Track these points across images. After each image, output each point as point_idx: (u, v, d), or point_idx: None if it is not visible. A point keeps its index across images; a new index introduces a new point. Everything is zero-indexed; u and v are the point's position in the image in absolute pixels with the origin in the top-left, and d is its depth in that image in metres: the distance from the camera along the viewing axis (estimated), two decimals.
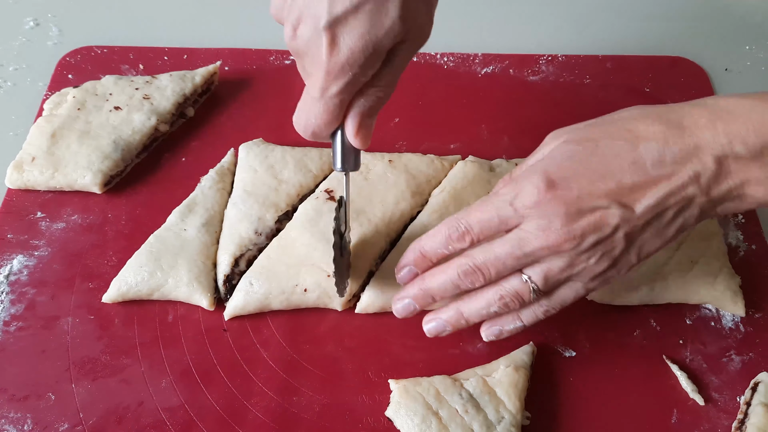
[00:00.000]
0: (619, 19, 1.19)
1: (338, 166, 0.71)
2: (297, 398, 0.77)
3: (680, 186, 0.62)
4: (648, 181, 0.62)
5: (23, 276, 0.85)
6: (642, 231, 0.64)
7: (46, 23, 1.14)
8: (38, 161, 0.90)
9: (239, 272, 0.84)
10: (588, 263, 0.65)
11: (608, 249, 0.64)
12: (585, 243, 0.63)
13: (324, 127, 0.67)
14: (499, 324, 0.72)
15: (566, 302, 0.69)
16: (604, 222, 0.62)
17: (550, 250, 0.64)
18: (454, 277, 0.68)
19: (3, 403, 0.76)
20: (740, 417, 0.77)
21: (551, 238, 0.63)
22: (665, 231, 0.65)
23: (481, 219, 0.66)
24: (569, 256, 0.64)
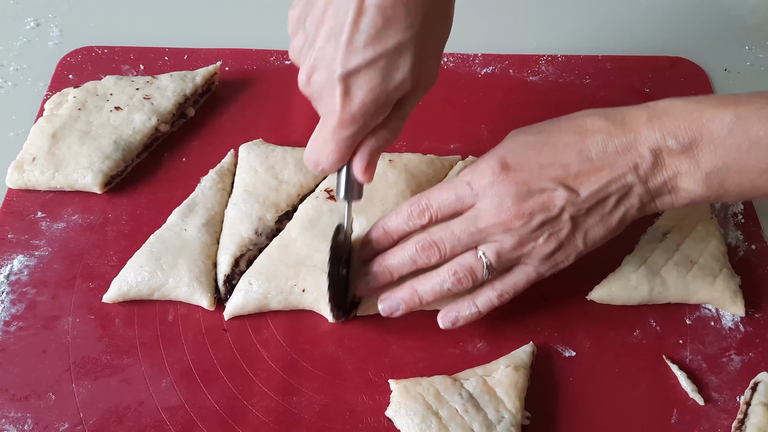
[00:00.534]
0: (619, 19, 1.19)
1: (342, 196, 0.74)
2: (297, 398, 0.77)
3: (621, 174, 0.69)
4: (592, 168, 0.69)
5: (24, 276, 0.85)
6: (587, 215, 0.71)
7: (47, 23, 1.15)
8: (39, 161, 0.90)
9: (239, 272, 0.84)
10: (537, 243, 0.71)
11: (555, 230, 0.71)
12: (534, 221, 0.70)
13: (333, 165, 0.70)
14: (455, 310, 0.76)
15: (518, 286, 0.74)
16: (551, 202, 0.69)
17: (502, 227, 0.70)
18: (411, 252, 0.74)
19: (3, 402, 0.76)
20: (740, 417, 0.77)
21: (503, 216, 0.69)
22: (608, 219, 0.71)
23: (440, 197, 0.72)
24: (519, 235, 0.70)
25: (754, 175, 0.67)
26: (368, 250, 0.78)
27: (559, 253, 0.72)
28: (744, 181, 0.67)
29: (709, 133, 0.66)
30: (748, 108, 0.66)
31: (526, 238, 0.71)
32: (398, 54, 0.63)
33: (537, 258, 0.72)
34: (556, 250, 0.72)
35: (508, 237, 0.70)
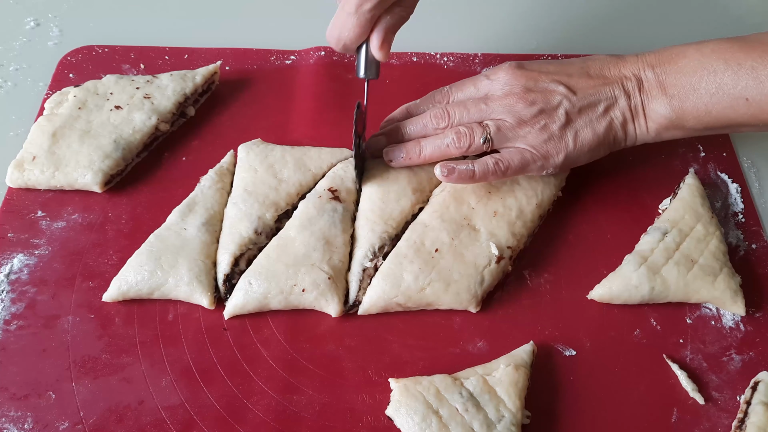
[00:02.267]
0: (619, 19, 1.20)
1: (361, 74, 0.85)
2: (297, 397, 0.77)
3: (610, 87, 0.85)
4: (589, 79, 0.86)
5: (24, 275, 0.85)
6: (579, 115, 0.84)
7: (47, 23, 1.15)
8: (39, 160, 0.90)
9: (239, 271, 0.84)
10: (533, 128, 0.83)
11: (550, 120, 0.83)
12: (534, 107, 0.83)
13: (354, 39, 0.80)
14: (453, 163, 0.84)
15: (512, 161, 0.84)
16: (551, 95, 0.84)
17: (507, 107, 0.83)
18: (426, 119, 0.87)
19: (3, 401, 0.76)
20: (740, 416, 0.77)
21: (509, 97, 0.84)
22: (597, 124, 0.85)
23: (461, 88, 0.89)
24: (519, 116, 0.83)
25: (706, 98, 0.81)
26: (384, 124, 0.92)
27: (551, 145, 0.84)
28: (699, 104, 0.81)
29: (676, 65, 0.83)
30: (710, 46, 0.82)
31: (524, 120, 0.83)
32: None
33: (531, 143, 0.84)
34: (548, 139, 0.83)
35: (510, 116, 0.83)
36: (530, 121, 0.83)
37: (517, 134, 0.84)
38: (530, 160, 0.84)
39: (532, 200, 0.89)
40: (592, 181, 0.96)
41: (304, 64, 1.08)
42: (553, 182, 0.91)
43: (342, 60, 1.09)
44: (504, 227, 0.86)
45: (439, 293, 0.81)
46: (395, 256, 0.83)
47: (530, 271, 0.88)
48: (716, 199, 0.95)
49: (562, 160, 0.85)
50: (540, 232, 0.91)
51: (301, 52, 1.10)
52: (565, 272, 0.88)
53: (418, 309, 0.84)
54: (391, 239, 0.86)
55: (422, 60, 1.09)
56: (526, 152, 0.84)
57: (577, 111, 0.83)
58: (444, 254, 0.83)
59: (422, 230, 0.85)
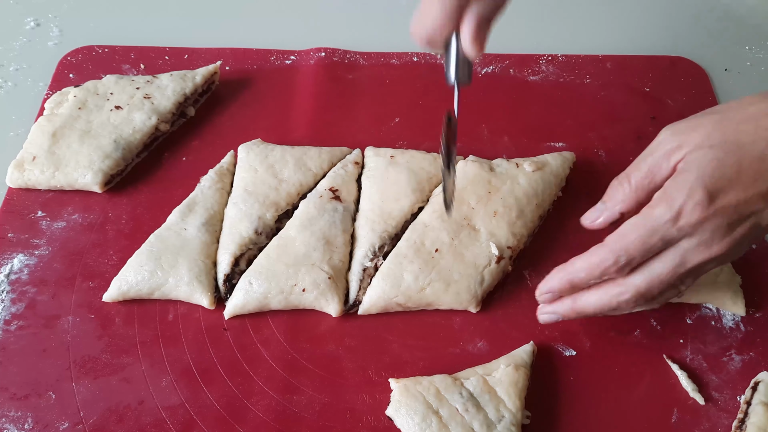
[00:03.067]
0: (619, 19, 1.20)
1: (451, 78, 0.70)
2: (297, 397, 0.77)
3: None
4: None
5: (24, 275, 0.85)
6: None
7: (47, 23, 1.15)
8: (39, 160, 0.90)
9: (239, 271, 0.84)
10: (736, 254, 0.68)
11: (754, 240, 0.68)
12: (743, 244, 0.67)
13: (440, 29, 0.66)
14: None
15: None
16: (758, 225, 0.66)
17: (714, 261, 0.67)
18: (612, 304, 0.70)
19: (3, 401, 0.76)
20: (740, 416, 0.77)
21: (714, 250, 0.66)
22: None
23: (644, 246, 0.66)
24: (724, 257, 0.67)
25: None
26: (549, 298, 0.76)
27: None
28: None
29: None
30: None
31: (728, 257, 0.68)
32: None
33: (723, 262, 0.70)
34: (744, 251, 0.70)
35: (712, 263, 0.68)
36: (734, 253, 0.68)
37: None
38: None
39: (532, 200, 0.89)
40: (592, 181, 0.96)
41: (304, 64, 1.08)
42: (553, 182, 0.91)
43: (342, 61, 1.09)
44: (504, 227, 0.86)
45: (439, 293, 0.81)
46: (395, 256, 0.83)
47: (530, 271, 0.88)
48: None
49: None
50: (540, 232, 0.91)
51: (301, 52, 1.10)
52: None
53: (418, 309, 0.84)
54: (391, 239, 0.86)
55: (422, 60, 1.09)
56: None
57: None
58: (444, 254, 0.83)
59: (422, 230, 0.85)
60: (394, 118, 1.02)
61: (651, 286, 0.68)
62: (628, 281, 0.69)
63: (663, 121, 0.70)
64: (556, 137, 1.01)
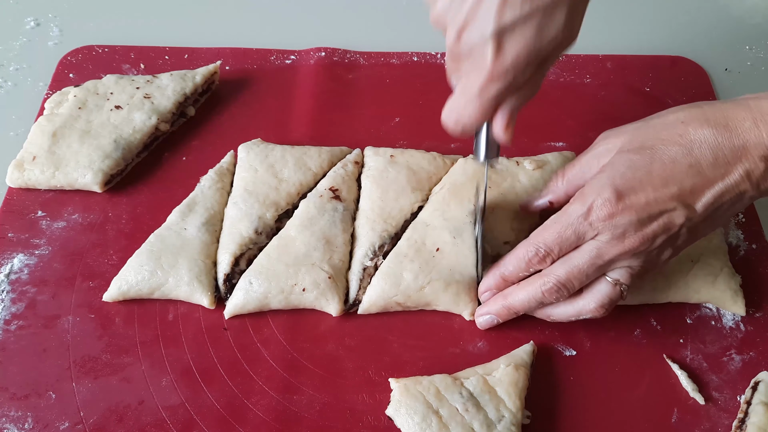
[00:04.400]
0: (619, 19, 1.20)
1: (482, 158, 0.76)
2: (297, 397, 0.77)
3: (734, 184, 0.69)
4: (706, 182, 0.69)
5: (24, 275, 0.85)
6: (702, 223, 0.71)
7: (47, 23, 1.15)
8: (39, 160, 0.90)
9: (240, 271, 0.84)
10: (660, 258, 0.73)
11: (673, 242, 0.72)
12: (656, 242, 0.70)
13: (475, 123, 0.71)
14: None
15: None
16: (671, 222, 0.69)
17: (628, 254, 0.71)
18: (537, 295, 0.75)
19: (4, 401, 0.76)
20: (740, 416, 0.77)
21: (627, 244, 0.70)
22: (719, 219, 0.72)
23: (559, 239, 0.72)
24: (644, 255, 0.72)
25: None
26: (488, 296, 0.80)
27: (673, 255, 0.74)
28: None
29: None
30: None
31: (650, 256, 0.72)
32: (554, 8, 0.63)
33: (657, 265, 0.75)
34: (672, 255, 0.74)
35: (635, 260, 0.72)
36: (654, 252, 0.72)
37: (646, 269, 0.74)
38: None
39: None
40: None
41: (304, 64, 1.08)
42: None
43: (342, 61, 1.09)
44: (503, 223, 0.86)
45: (438, 293, 0.81)
46: (395, 255, 0.83)
47: None
48: None
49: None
50: None
51: (301, 52, 1.10)
52: None
53: (417, 309, 0.84)
54: (391, 238, 0.86)
55: (422, 60, 1.09)
56: (650, 273, 0.77)
57: (700, 222, 0.71)
58: (445, 254, 0.83)
59: (423, 229, 0.85)
60: (394, 118, 1.02)
61: (570, 275, 0.72)
62: (550, 271, 0.74)
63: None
64: (556, 137, 1.01)
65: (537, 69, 0.68)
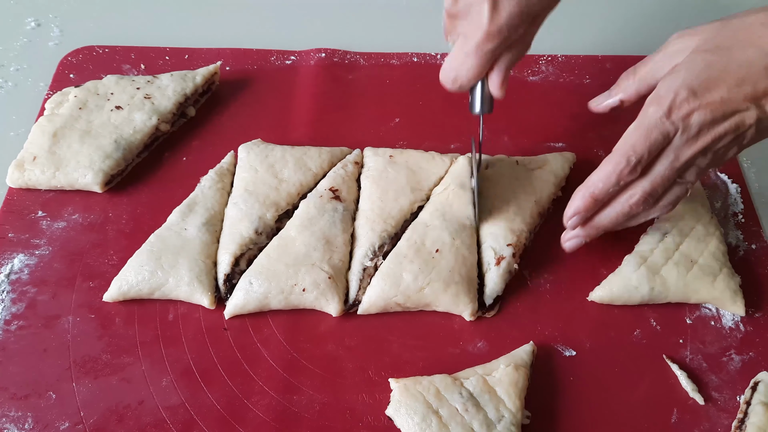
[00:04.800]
0: (618, 19, 1.20)
1: (477, 110, 0.79)
2: (297, 397, 0.77)
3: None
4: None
5: (24, 275, 0.85)
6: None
7: (48, 24, 1.15)
8: (39, 160, 0.90)
9: (240, 271, 0.84)
10: (725, 156, 0.74)
11: (740, 141, 0.73)
12: (725, 140, 0.71)
13: (472, 79, 0.75)
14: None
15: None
16: (742, 122, 0.71)
17: (700, 153, 0.72)
18: (625, 210, 0.75)
19: (4, 401, 0.76)
20: (740, 416, 0.77)
21: (700, 143, 0.71)
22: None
23: (647, 142, 0.71)
24: (712, 153, 0.72)
25: None
26: (576, 220, 0.78)
27: (736, 153, 0.75)
28: None
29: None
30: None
31: (717, 155, 0.73)
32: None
33: (719, 161, 0.75)
34: (735, 153, 0.75)
35: (704, 158, 0.73)
36: (722, 150, 0.73)
37: (712, 164, 0.75)
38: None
39: (530, 197, 0.89)
40: None
41: (304, 65, 1.08)
42: (552, 181, 0.91)
43: (342, 61, 1.09)
44: (502, 224, 0.86)
45: (438, 293, 0.81)
46: (395, 255, 0.84)
47: (530, 271, 0.88)
48: (716, 200, 0.95)
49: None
50: (540, 233, 0.91)
51: (301, 52, 1.10)
52: (565, 272, 0.88)
53: (417, 309, 0.84)
54: (391, 238, 0.86)
55: (422, 60, 1.09)
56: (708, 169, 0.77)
57: (766, 122, 0.72)
58: (445, 254, 0.83)
59: (423, 230, 0.85)
60: (394, 118, 1.02)
61: (654, 184, 0.73)
62: (635, 184, 0.73)
63: None
64: (556, 137, 1.01)
65: (528, 27, 0.72)
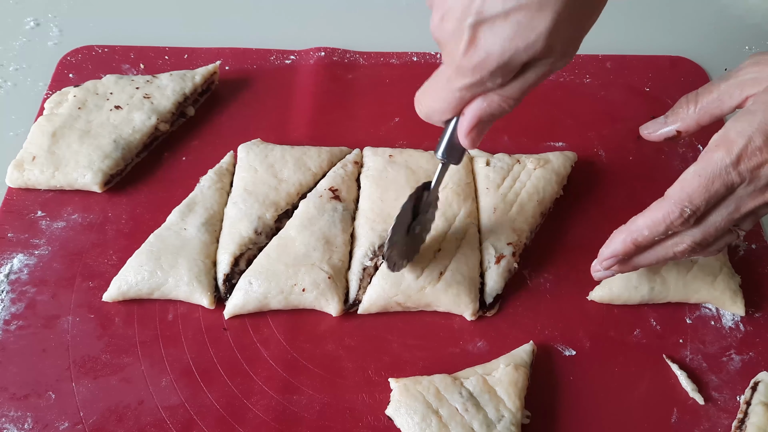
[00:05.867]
0: (619, 19, 1.19)
1: (439, 155, 0.71)
2: (297, 397, 0.77)
3: None
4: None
5: (23, 275, 0.85)
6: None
7: (47, 23, 1.15)
8: (39, 160, 0.90)
9: (239, 271, 0.84)
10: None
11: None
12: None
13: (437, 113, 0.68)
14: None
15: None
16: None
17: (765, 204, 0.65)
18: (669, 255, 0.69)
19: (3, 401, 0.76)
20: (740, 416, 0.77)
21: (767, 196, 0.64)
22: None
23: (707, 193, 0.64)
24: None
25: None
26: (611, 263, 0.73)
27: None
28: None
29: None
30: None
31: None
32: (539, 11, 0.57)
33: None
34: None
35: (766, 209, 0.66)
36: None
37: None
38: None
39: (533, 197, 0.89)
40: (593, 181, 0.96)
41: (304, 64, 1.08)
42: (554, 180, 0.91)
43: (342, 61, 1.09)
44: (504, 223, 0.86)
45: (439, 293, 0.81)
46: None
47: (530, 271, 0.88)
48: None
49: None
50: (540, 232, 0.91)
51: (301, 52, 1.09)
52: (565, 272, 0.88)
53: (417, 309, 0.84)
54: None
55: (422, 60, 1.09)
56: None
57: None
58: (446, 254, 0.83)
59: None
60: (394, 118, 1.02)
61: (707, 235, 0.66)
62: (684, 233, 0.67)
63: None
64: (556, 137, 1.01)
65: (513, 78, 0.62)
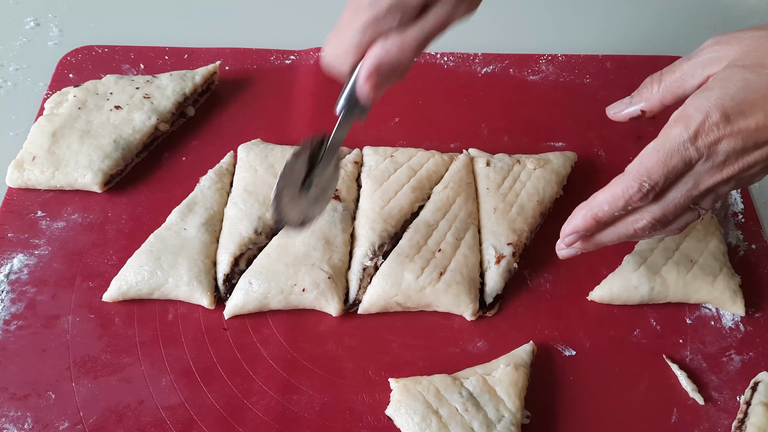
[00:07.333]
0: (619, 19, 1.20)
1: (339, 107, 0.70)
2: (297, 397, 0.77)
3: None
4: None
5: (24, 275, 0.85)
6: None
7: (47, 23, 1.15)
8: (39, 160, 0.90)
9: (239, 271, 0.84)
10: (751, 182, 0.67)
11: (766, 168, 0.65)
12: (754, 169, 0.64)
13: (339, 58, 0.66)
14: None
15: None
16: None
17: (723, 182, 0.64)
18: (630, 232, 0.68)
19: (3, 401, 0.76)
20: (740, 416, 0.77)
21: (725, 173, 0.64)
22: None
23: (665, 168, 0.63)
24: (736, 181, 0.65)
25: None
26: (573, 239, 0.71)
27: (761, 178, 0.68)
28: None
29: None
30: None
31: (742, 182, 0.67)
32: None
33: (743, 188, 0.69)
34: (760, 179, 0.68)
35: (726, 186, 0.66)
36: (746, 177, 0.66)
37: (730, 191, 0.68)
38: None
39: (533, 197, 0.89)
40: (593, 181, 0.96)
41: (304, 64, 1.08)
42: (554, 180, 0.91)
43: None
44: (504, 223, 0.86)
45: (439, 293, 0.81)
46: (397, 255, 0.83)
47: (530, 271, 0.88)
48: None
49: None
50: (540, 232, 0.91)
51: (300, 52, 1.10)
52: (565, 272, 0.88)
53: (417, 309, 0.84)
54: (391, 238, 0.86)
55: (422, 60, 1.09)
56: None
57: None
58: (447, 254, 0.83)
59: (425, 229, 0.85)
60: (394, 118, 1.02)
61: (666, 211, 0.66)
62: (644, 209, 0.67)
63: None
64: (556, 137, 1.01)
65: (414, 22, 0.63)
